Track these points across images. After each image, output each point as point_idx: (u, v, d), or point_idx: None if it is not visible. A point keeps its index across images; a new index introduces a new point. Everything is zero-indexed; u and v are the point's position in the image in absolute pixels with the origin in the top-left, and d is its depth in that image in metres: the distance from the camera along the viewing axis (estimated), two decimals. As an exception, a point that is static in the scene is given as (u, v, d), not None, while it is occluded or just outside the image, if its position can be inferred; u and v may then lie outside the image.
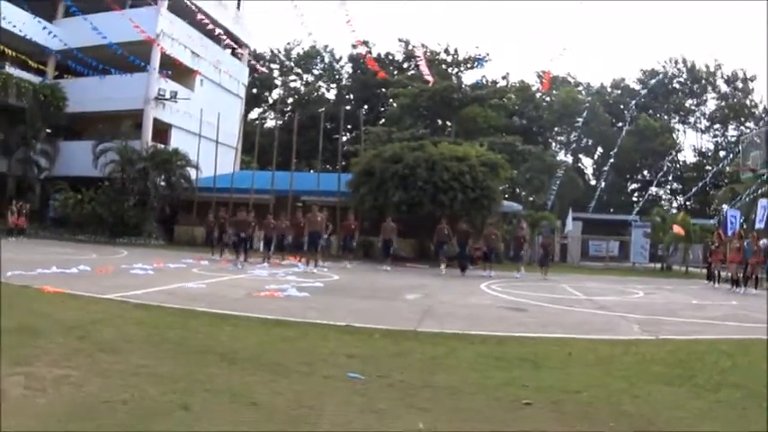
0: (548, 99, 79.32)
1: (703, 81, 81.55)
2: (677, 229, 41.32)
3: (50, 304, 12.16)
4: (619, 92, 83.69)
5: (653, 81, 77.52)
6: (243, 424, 5.50)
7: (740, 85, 79.23)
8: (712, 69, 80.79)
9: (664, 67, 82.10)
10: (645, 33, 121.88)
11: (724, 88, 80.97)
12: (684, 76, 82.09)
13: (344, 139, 64.04)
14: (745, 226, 33.75)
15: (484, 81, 68.59)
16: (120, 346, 8.53)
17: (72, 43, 44.33)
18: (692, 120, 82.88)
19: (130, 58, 43.51)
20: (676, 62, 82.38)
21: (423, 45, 62.31)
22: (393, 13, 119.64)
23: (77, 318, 10.67)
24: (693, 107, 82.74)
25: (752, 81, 78.30)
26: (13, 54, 43.71)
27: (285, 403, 6.25)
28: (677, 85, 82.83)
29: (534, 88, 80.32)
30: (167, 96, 47.82)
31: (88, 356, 7.77)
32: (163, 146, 47.53)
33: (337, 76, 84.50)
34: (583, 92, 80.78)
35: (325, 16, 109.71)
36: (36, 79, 47.84)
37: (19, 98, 46.45)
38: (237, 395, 6.41)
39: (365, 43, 56.75)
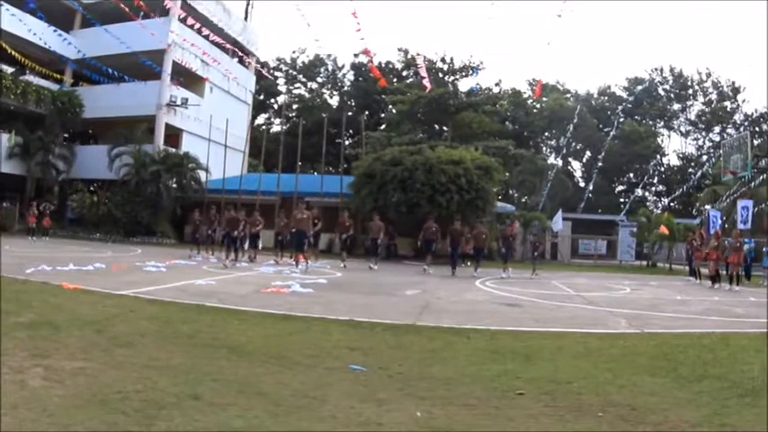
0: (538, 105, 79.34)
1: (690, 89, 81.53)
2: (663, 228, 41.38)
3: (68, 300, 12.19)
4: (605, 98, 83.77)
5: (639, 88, 77.62)
6: (250, 412, 5.52)
7: (728, 92, 79.11)
8: (701, 78, 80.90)
9: (650, 74, 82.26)
10: (630, 42, 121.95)
11: (709, 96, 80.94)
12: (670, 83, 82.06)
13: (346, 143, 63.95)
14: (726, 225, 33.74)
15: (478, 88, 68.42)
16: (134, 340, 8.57)
17: (88, 53, 44.37)
18: (675, 124, 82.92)
19: (148, 63, 43.58)
20: (661, 70, 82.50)
21: (420, 54, 62.21)
22: (392, 25, 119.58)
23: (93, 313, 10.71)
24: (678, 113, 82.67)
25: (739, 92, 78.36)
26: (32, 65, 43.79)
27: (290, 393, 6.28)
28: (662, 92, 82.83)
29: (525, 95, 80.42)
30: (178, 103, 47.81)
31: (104, 350, 7.81)
32: (174, 150, 47.55)
33: (339, 84, 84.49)
34: (571, 99, 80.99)
35: (327, 27, 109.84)
36: (54, 87, 47.93)
37: (38, 105, 46.62)
38: (245, 385, 6.44)
39: (369, 52, 56.74)
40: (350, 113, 70.19)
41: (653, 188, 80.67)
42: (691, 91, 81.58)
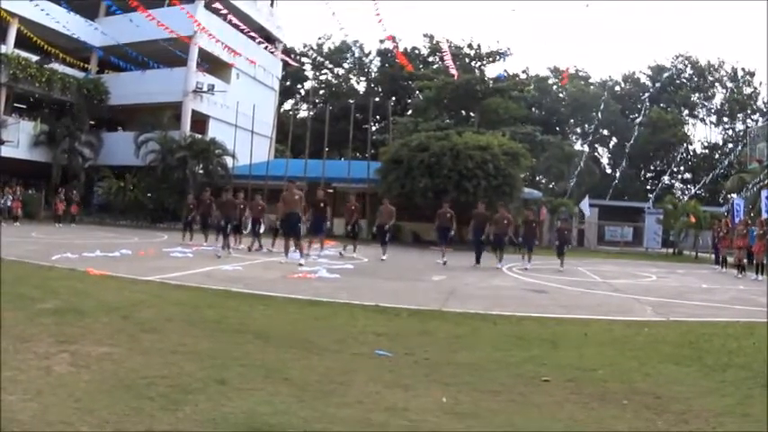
0: (562, 93, 79.06)
1: (709, 78, 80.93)
2: (692, 217, 41.28)
3: (94, 286, 12.26)
4: (629, 85, 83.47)
5: (665, 75, 77.03)
6: (276, 398, 5.55)
7: (747, 78, 78.56)
8: (716, 66, 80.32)
9: (672, 62, 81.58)
10: (652, 31, 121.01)
11: (729, 83, 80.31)
12: (690, 71, 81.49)
13: (373, 128, 63.88)
14: (752, 213, 33.48)
15: (505, 74, 68.14)
16: (160, 326, 8.61)
17: (113, 40, 44.62)
18: (699, 113, 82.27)
19: (178, 52, 43.93)
20: (683, 58, 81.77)
21: (447, 40, 62.00)
22: (418, 10, 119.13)
23: (119, 299, 10.77)
24: (702, 101, 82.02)
25: (751, 76, 77.75)
26: (57, 53, 44.05)
27: (316, 378, 6.30)
28: (685, 80, 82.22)
29: (551, 81, 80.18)
30: (205, 89, 48.04)
31: (130, 335, 7.86)
32: (201, 136, 47.76)
33: (366, 70, 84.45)
34: (595, 85, 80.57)
35: (354, 13, 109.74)
36: (80, 74, 48.25)
37: (63, 92, 47.00)
38: (271, 371, 6.46)
39: (393, 38, 56.75)
40: (377, 99, 70.30)
41: (679, 175, 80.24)
42: (711, 79, 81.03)
